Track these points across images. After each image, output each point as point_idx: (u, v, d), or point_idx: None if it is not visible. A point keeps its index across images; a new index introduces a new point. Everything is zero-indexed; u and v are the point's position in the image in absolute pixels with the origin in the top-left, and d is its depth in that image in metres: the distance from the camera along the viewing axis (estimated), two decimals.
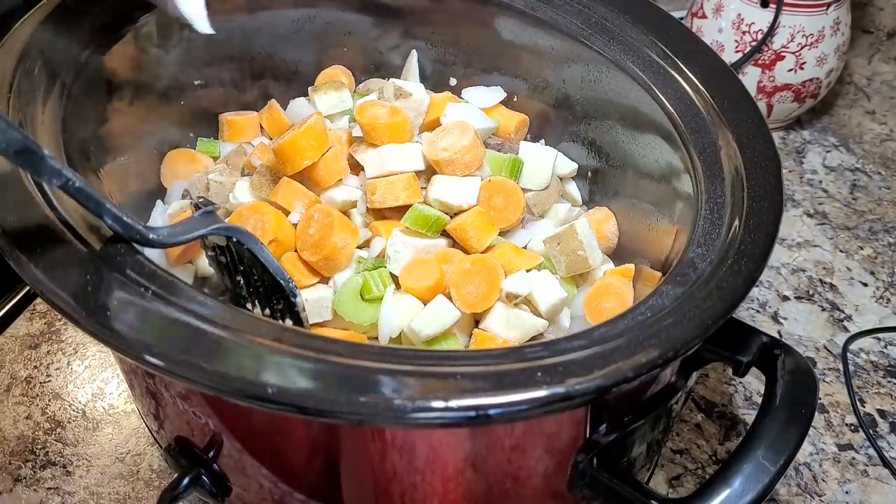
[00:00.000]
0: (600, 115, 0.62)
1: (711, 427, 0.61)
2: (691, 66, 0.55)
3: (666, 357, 0.38)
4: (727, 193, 0.47)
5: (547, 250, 0.57)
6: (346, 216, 0.56)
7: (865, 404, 0.63)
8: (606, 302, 0.54)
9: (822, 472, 0.59)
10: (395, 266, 0.55)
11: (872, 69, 0.98)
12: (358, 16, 0.68)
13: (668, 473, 0.58)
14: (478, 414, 0.34)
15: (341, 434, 0.40)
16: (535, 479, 0.43)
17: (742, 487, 0.38)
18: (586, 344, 0.38)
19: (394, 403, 0.34)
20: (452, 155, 0.57)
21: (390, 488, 0.42)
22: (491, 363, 0.36)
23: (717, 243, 0.44)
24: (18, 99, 0.46)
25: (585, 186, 0.65)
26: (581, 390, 0.35)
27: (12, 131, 0.28)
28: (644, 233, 0.58)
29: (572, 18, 0.60)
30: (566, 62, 0.62)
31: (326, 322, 0.54)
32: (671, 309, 0.40)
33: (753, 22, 0.80)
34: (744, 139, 0.50)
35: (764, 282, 0.72)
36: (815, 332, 0.68)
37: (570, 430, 0.41)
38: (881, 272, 0.74)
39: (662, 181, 0.55)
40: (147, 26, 0.57)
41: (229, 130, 0.65)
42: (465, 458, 0.41)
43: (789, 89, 0.82)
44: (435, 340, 0.52)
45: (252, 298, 0.50)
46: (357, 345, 0.38)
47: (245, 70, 0.66)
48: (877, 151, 0.87)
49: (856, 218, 0.79)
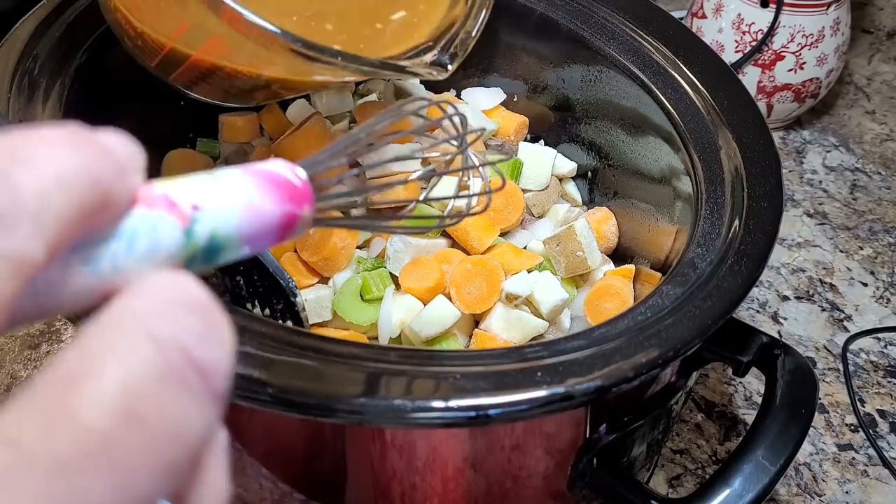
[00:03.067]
0: (600, 115, 0.62)
1: (711, 427, 0.61)
2: (691, 66, 0.55)
3: (666, 357, 0.38)
4: (727, 193, 0.47)
5: (546, 251, 0.57)
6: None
7: (865, 404, 0.63)
8: (607, 302, 0.54)
9: (822, 472, 0.59)
10: (395, 266, 0.55)
11: (872, 69, 0.98)
12: None
13: (668, 473, 0.58)
14: (478, 414, 0.34)
15: (341, 434, 0.40)
16: (535, 479, 0.43)
17: (742, 487, 0.38)
18: (586, 344, 0.38)
19: (394, 403, 0.34)
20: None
21: (390, 488, 0.42)
22: (491, 363, 0.36)
23: (717, 243, 0.44)
24: (18, 99, 0.46)
25: (585, 187, 0.65)
26: (581, 390, 0.35)
27: None
28: (644, 233, 0.58)
29: (572, 18, 0.60)
30: (566, 62, 0.62)
31: (326, 322, 0.54)
32: (671, 309, 0.40)
33: (753, 22, 0.80)
34: (744, 139, 0.50)
35: (764, 282, 0.72)
36: (815, 332, 0.68)
37: (570, 430, 0.41)
38: (881, 272, 0.74)
39: (662, 181, 0.55)
40: None
41: (229, 130, 0.65)
42: (465, 458, 0.41)
43: (789, 89, 0.82)
44: (435, 340, 0.52)
45: (252, 298, 0.50)
46: (357, 345, 0.38)
47: None
48: (877, 151, 0.87)
49: (856, 218, 0.79)
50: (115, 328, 0.14)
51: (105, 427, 0.13)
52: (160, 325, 0.14)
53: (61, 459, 0.12)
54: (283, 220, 0.19)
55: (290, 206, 0.19)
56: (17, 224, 0.13)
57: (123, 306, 0.15)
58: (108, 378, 0.13)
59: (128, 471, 0.13)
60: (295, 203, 0.19)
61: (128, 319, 0.14)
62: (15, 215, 0.13)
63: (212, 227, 0.17)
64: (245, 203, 0.18)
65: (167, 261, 0.17)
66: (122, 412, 0.13)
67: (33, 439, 0.12)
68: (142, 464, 0.13)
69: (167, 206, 0.17)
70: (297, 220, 0.20)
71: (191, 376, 0.14)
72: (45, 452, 0.12)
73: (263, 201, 0.19)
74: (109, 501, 0.13)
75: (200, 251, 0.17)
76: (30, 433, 0.13)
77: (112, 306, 0.15)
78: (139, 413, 0.13)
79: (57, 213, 0.14)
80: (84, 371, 0.13)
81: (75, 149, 0.14)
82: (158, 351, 0.14)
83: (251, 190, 0.18)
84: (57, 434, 0.13)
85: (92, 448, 0.13)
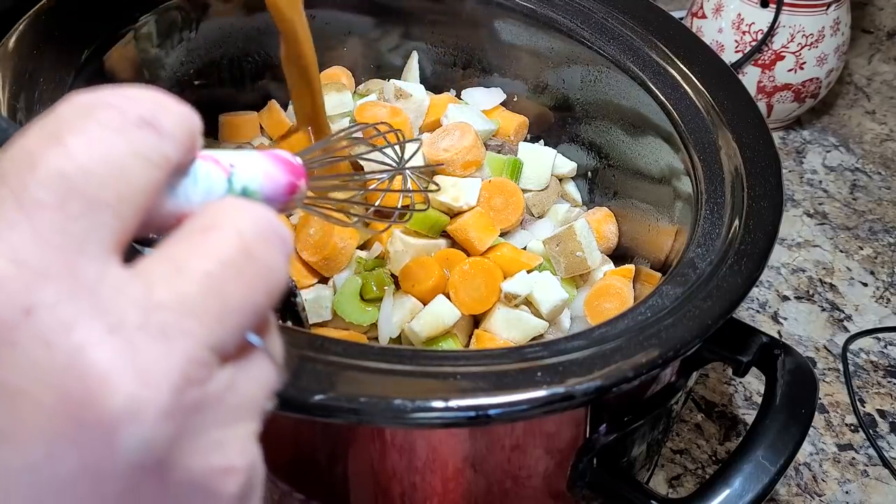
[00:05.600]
0: (600, 115, 0.62)
1: (711, 427, 0.61)
2: (691, 66, 0.55)
3: (666, 357, 0.38)
4: (727, 193, 0.47)
5: (546, 251, 0.57)
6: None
7: (865, 404, 0.63)
8: (607, 302, 0.54)
9: (822, 472, 0.59)
10: (395, 266, 0.55)
11: (872, 69, 0.98)
12: (358, 16, 0.68)
13: (668, 473, 0.58)
14: (478, 414, 0.35)
15: (341, 434, 0.40)
16: (535, 479, 0.43)
17: (742, 487, 0.38)
18: (586, 344, 0.38)
19: (394, 403, 0.34)
20: (453, 156, 0.57)
21: (390, 488, 0.42)
22: (491, 363, 0.36)
23: (717, 243, 0.44)
24: (18, 99, 0.46)
25: (585, 187, 0.65)
26: (581, 390, 0.35)
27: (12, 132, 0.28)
28: (644, 233, 0.58)
29: (572, 18, 0.60)
30: (566, 63, 0.62)
31: (326, 322, 0.54)
32: (671, 309, 0.40)
33: (753, 22, 0.80)
34: (744, 139, 0.50)
35: (764, 282, 0.72)
36: (815, 332, 0.68)
37: (570, 430, 0.41)
38: (881, 272, 0.74)
39: (662, 181, 0.55)
40: (147, 26, 0.57)
41: (229, 130, 0.65)
42: (465, 458, 0.41)
43: (789, 89, 0.82)
44: (435, 341, 0.52)
45: None
46: (357, 345, 0.38)
47: (245, 70, 0.66)
48: (877, 151, 0.87)
49: (856, 218, 0.79)
50: (227, 205, 0.21)
51: (234, 255, 0.20)
52: (254, 208, 0.21)
53: (209, 271, 0.20)
54: (289, 187, 0.26)
55: (292, 177, 0.27)
56: (167, 137, 0.21)
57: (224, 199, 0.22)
58: (232, 229, 0.21)
59: (249, 283, 0.20)
60: (295, 176, 0.27)
61: (233, 202, 0.22)
62: (167, 134, 0.21)
63: (244, 181, 0.24)
64: (263, 170, 0.25)
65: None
66: (243, 249, 0.20)
67: (194, 257, 0.20)
68: (257, 282, 0.20)
69: (214, 160, 0.24)
70: (297, 189, 0.27)
71: (275, 237, 0.21)
72: (201, 267, 0.20)
73: (275, 170, 0.26)
74: (239, 303, 0.20)
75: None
76: (188, 255, 0.20)
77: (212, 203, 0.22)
78: (253, 251, 0.20)
79: (182, 140, 0.21)
80: (215, 224, 0.21)
81: (184, 108, 0.22)
82: (257, 220, 0.21)
83: (266, 162, 0.26)
84: (206, 257, 0.20)
85: (228, 264, 0.20)
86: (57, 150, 0.19)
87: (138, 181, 0.20)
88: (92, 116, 0.19)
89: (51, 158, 0.19)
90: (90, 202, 0.19)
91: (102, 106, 0.20)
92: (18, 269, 0.18)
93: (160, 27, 0.58)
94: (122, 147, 0.19)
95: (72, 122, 0.19)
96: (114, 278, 0.19)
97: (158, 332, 0.18)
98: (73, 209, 0.18)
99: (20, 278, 0.17)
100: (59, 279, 0.18)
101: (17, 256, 0.18)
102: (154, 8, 0.57)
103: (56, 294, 0.18)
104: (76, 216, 0.18)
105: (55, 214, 0.18)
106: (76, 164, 0.19)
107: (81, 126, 0.19)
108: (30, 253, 0.18)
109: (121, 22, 0.55)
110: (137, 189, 0.20)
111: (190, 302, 0.19)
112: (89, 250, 0.18)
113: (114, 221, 0.19)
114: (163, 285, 0.19)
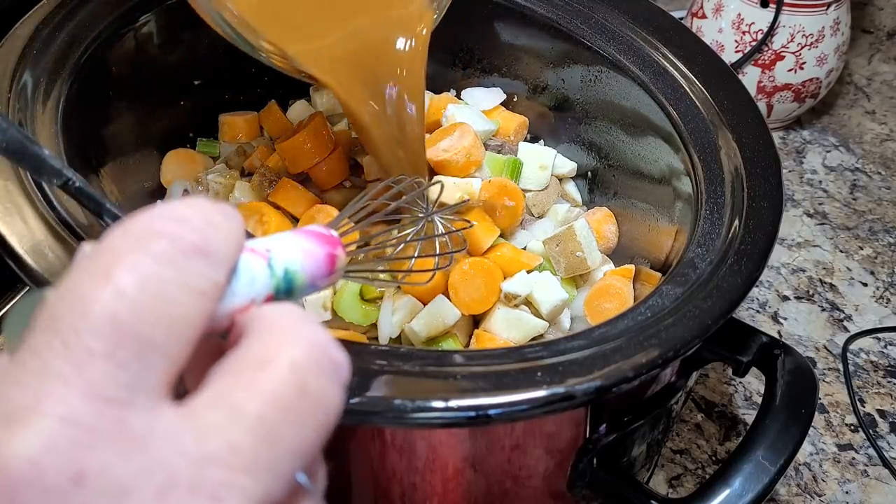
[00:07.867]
0: (600, 115, 0.62)
1: (711, 427, 0.61)
2: (691, 66, 0.55)
3: (666, 357, 0.38)
4: (727, 193, 0.47)
5: (546, 251, 0.57)
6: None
7: (865, 404, 0.63)
8: (607, 302, 0.54)
9: (822, 472, 0.59)
10: None
11: (872, 69, 0.98)
12: None
13: (668, 473, 0.58)
14: (478, 414, 0.34)
15: (341, 434, 0.40)
16: (535, 479, 0.43)
17: (742, 487, 0.38)
18: (586, 344, 0.38)
19: (394, 403, 0.34)
20: (453, 156, 0.57)
21: (390, 488, 0.42)
22: (491, 363, 0.36)
23: (717, 243, 0.44)
24: (18, 99, 0.46)
25: (585, 187, 0.65)
26: (581, 390, 0.35)
27: (12, 131, 0.28)
28: (644, 233, 0.58)
29: (572, 18, 0.60)
30: (566, 63, 0.62)
31: (326, 322, 0.54)
32: (671, 309, 0.40)
33: (753, 22, 0.80)
34: (744, 139, 0.50)
35: (764, 282, 0.72)
36: (815, 332, 0.68)
37: (569, 430, 0.41)
38: (881, 272, 0.74)
39: (662, 181, 0.55)
40: (147, 26, 0.57)
41: (229, 130, 0.65)
42: (465, 458, 0.41)
43: (789, 89, 0.82)
44: (435, 341, 0.52)
45: None
46: (357, 345, 0.38)
47: (245, 70, 0.66)
48: (877, 151, 0.87)
49: (856, 218, 0.79)
50: (279, 332, 0.21)
51: (288, 393, 0.20)
52: (309, 332, 0.21)
53: (262, 415, 0.19)
54: (328, 258, 0.27)
55: (329, 247, 0.27)
56: (219, 262, 0.21)
57: (276, 316, 0.22)
58: (285, 362, 0.20)
59: (303, 423, 0.20)
60: (332, 246, 0.27)
61: (286, 325, 0.21)
62: (219, 259, 0.21)
63: (284, 263, 0.25)
64: (300, 247, 0.26)
65: (263, 290, 0.23)
66: (297, 386, 0.20)
67: (246, 399, 0.19)
68: (310, 420, 0.20)
69: (250, 250, 0.24)
70: (336, 258, 0.27)
71: (330, 366, 0.21)
72: (254, 410, 0.19)
73: (311, 245, 0.26)
74: (291, 447, 0.20)
75: (281, 283, 0.24)
76: (240, 396, 0.19)
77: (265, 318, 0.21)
78: (306, 386, 0.20)
79: (233, 257, 0.22)
80: (267, 358, 0.20)
81: (231, 217, 0.22)
82: (312, 347, 0.21)
83: (301, 239, 0.26)
84: (258, 399, 0.19)
85: (281, 406, 0.19)
86: (108, 290, 0.18)
87: (188, 315, 0.19)
88: (142, 248, 0.19)
89: (102, 301, 0.18)
90: (141, 346, 0.18)
91: (153, 236, 0.19)
92: (68, 428, 0.17)
93: (160, 27, 0.58)
94: (174, 281, 0.19)
95: (123, 255, 0.19)
96: (164, 428, 0.18)
97: (210, 496, 0.18)
98: (124, 356, 0.18)
99: (71, 439, 0.17)
100: (111, 437, 0.18)
101: (68, 415, 0.17)
102: (154, 7, 0.57)
103: (107, 455, 0.17)
104: (126, 363, 0.18)
105: (106, 364, 0.18)
106: (127, 306, 0.18)
107: (133, 261, 0.19)
108: (80, 410, 0.17)
109: (121, 22, 0.55)
110: (188, 323, 0.19)
111: (243, 454, 0.19)
112: (139, 401, 0.18)
113: (164, 363, 0.19)
114: (215, 434, 0.19)
